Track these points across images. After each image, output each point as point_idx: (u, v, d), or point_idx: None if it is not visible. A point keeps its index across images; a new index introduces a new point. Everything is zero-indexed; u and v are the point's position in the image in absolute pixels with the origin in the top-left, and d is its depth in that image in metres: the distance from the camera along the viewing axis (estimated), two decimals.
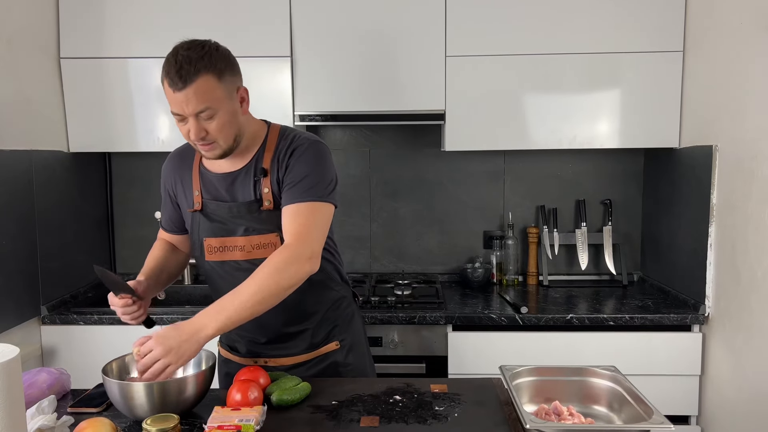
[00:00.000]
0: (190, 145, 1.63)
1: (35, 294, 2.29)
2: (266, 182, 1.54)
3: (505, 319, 2.27)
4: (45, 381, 1.46)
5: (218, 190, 1.58)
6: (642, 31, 2.40)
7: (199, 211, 1.59)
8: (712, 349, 2.23)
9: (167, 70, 1.42)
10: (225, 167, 1.58)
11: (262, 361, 1.65)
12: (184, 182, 1.65)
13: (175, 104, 1.43)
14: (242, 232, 1.55)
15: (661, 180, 2.63)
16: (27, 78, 2.28)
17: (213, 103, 1.43)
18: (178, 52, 1.43)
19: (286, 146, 1.56)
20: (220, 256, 1.58)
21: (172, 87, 1.41)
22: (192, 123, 1.43)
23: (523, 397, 1.40)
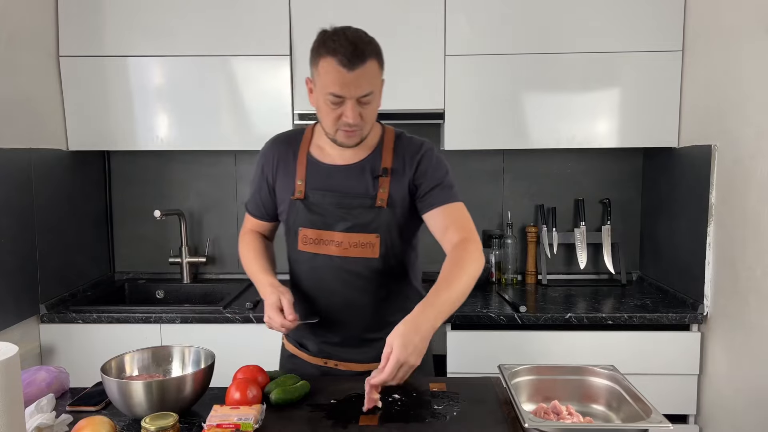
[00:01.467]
0: (295, 132, 1.64)
1: (34, 292, 2.29)
2: (385, 182, 1.52)
3: (504, 318, 2.27)
4: (44, 379, 1.46)
5: (327, 181, 1.55)
6: (641, 30, 2.41)
7: (301, 200, 1.56)
8: (711, 349, 2.23)
9: (336, 48, 1.37)
10: (339, 159, 1.56)
11: (332, 363, 1.62)
12: (287, 168, 1.60)
13: (341, 85, 1.38)
14: (343, 228, 1.53)
15: (660, 179, 2.63)
16: (26, 76, 2.28)
17: (374, 88, 1.43)
18: (345, 33, 1.39)
19: (411, 148, 1.56)
20: (314, 248, 1.56)
21: (345, 66, 1.36)
22: (350, 106, 1.41)
23: (522, 396, 1.40)
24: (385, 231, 1.53)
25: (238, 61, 2.47)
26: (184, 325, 2.31)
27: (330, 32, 1.42)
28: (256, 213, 1.71)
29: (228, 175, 2.89)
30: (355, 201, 1.53)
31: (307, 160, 1.58)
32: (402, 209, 1.55)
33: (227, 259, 2.92)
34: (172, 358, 1.49)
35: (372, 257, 1.54)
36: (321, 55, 1.40)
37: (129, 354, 1.45)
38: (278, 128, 2.45)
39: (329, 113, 1.44)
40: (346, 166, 1.56)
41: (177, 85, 2.49)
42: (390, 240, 1.54)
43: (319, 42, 1.42)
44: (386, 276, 1.57)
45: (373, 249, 1.53)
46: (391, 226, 1.54)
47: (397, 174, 1.54)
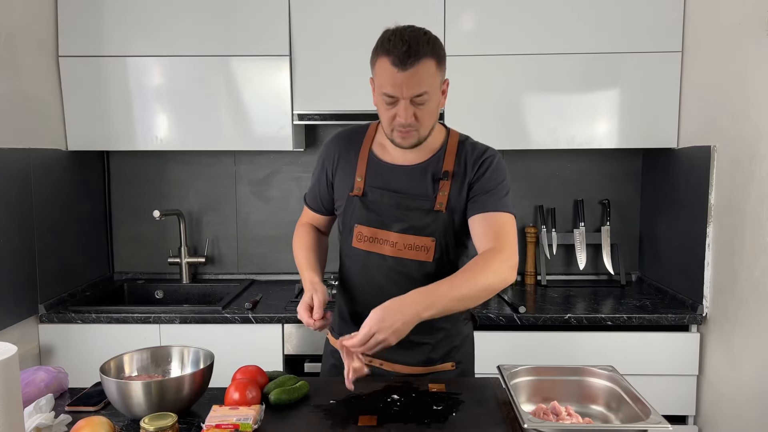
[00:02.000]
0: (359, 128, 1.63)
1: (33, 292, 2.28)
2: (445, 185, 1.51)
3: (504, 319, 2.27)
4: (43, 379, 1.46)
5: (388, 180, 1.54)
6: (641, 31, 2.41)
7: (359, 196, 1.55)
8: (710, 349, 2.23)
9: (390, 48, 1.37)
10: (400, 159, 1.55)
11: (377, 362, 1.58)
12: (347, 164, 1.59)
13: (393, 85, 1.38)
14: (399, 229, 1.52)
15: (660, 180, 2.63)
16: (25, 76, 2.28)
17: (430, 88, 1.41)
18: (402, 32, 1.38)
19: (474, 153, 1.55)
20: (368, 245, 1.55)
21: (396, 66, 1.36)
22: (403, 106, 1.40)
23: (521, 396, 1.40)
24: (441, 235, 1.52)
25: (238, 62, 2.47)
26: (183, 326, 2.31)
27: (390, 31, 1.42)
28: (314, 206, 1.70)
29: (227, 176, 2.89)
30: (413, 203, 1.52)
31: (368, 157, 1.57)
32: (459, 214, 1.53)
33: (226, 260, 2.92)
34: (171, 359, 1.49)
35: (426, 260, 1.53)
36: (378, 55, 1.42)
37: (128, 354, 1.45)
38: (278, 128, 2.48)
39: (385, 113, 1.45)
40: (407, 166, 1.55)
41: (176, 86, 2.49)
42: (445, 244, 1.53)
43: (379, 42, 1.43)
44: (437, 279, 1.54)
45: (428, 252, 1.52)
46: (447, 231, 1.53)
47: (458, 178, 1.53)
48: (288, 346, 2.32)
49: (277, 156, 2.85)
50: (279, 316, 2.28)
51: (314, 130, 2.84)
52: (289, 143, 2.50)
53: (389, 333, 1.28)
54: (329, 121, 2.51)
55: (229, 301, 2.46)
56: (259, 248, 2.90)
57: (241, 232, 2.91)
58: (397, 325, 1.28)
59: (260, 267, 2.90)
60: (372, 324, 1.28)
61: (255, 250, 2.90)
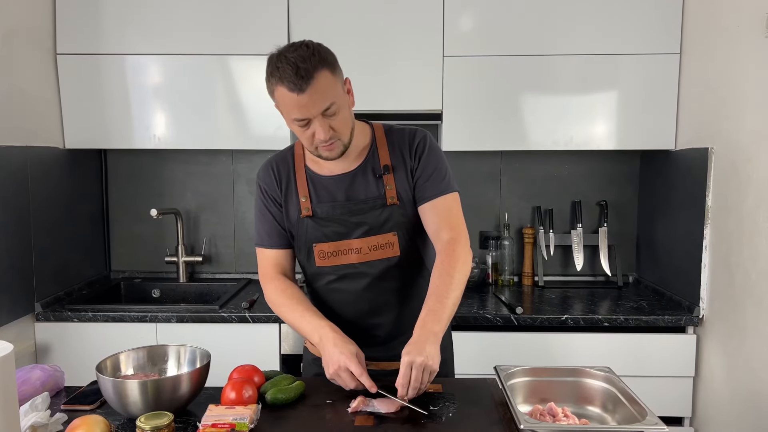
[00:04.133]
0: (284, 153, 1.61)
1: (29, 291, 2.28)
2: (390, 179, 1.52)
3: (501, 320, 2.27)
4: (39, 378, 1.46)
5: (333, 193, 1.54)
6: (639, 33, 2.41)
7: (309, 217, 1.54)
8: (706, 351, 2.23)
9: (282, 75, 1.34)
10: (337, 169, 1.54)
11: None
12: (288, 189, 1.58)
13: (299, 108, 1.36)
14: (360, 234, 1.52)
15: (657, 182, 2.63)
16: (23, 74, 2.27)
17: (335, 98, 1.39)
18: (285, 56, 1.35)
19: (405, 139, 1.55)
20: (333, 260, 1.55)
21: (294, 90, 1.34)
22: (318, 123, 1.39)
23: (518, 397, 1.40)
24: (401, 227, 1.54)
25: (236, 60, 2.47)
26: (180, 325, 2.30)
27: (274, 58, 1.38)
28: (276, 242, 1.60)
29: (225, 175, 2.88)
30: (366, 205, 1.53)
31: (306, 175, 1.57)
32: (410, 203, 1.55)
33: (223, 259, 2.92)
34: (168, 358, 1.48)
35: (393, 256, 1.54)
36: (273, 85, 1.39)
37: (124, 353, 1.45)
38: (276, 128, 2.48)
39: (303, 135, 1.44)
40: (348, 173, 1.55)
41: (174, 84, 2.48)
42: (407, 235, 1.55)
43: (268, 71, 1.39)
44: (408, 271, 1.58)
45: (393, 247, 1.53)
46: (406, 222, 1.54)
47: (398, 169, 1.54)
48: (285, 345, 2.32)
49: None
50: (276, 316, 2.28)
51: None
52: (287, 142, 2.49)
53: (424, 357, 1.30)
54: None
55: (226, 300, 2.46)
56: None
57: (238, 232, 2.90)
58: (429, 350, 1.32)
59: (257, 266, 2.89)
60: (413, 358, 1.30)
61: (252, 249, 2.85)
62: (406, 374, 1.30)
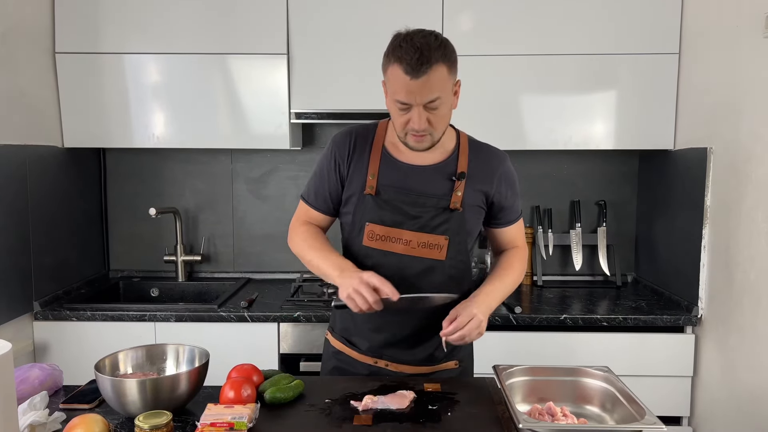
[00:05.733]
0: (369, 126, 1.62)
1: (28, 289, 2.28)
2: (460, 185, 1.53)
3: (499, 319, 2.27)
4: (37, 377, 1.46)
5: (404, 180, 1.54)
6: (638, 33, 2.41)
7: (372, 195, 1.53)
8: (705, 351, 2.24)
9: (402, 56, 1.37)
10: (416, 159, 1.55)
11: (383, 363, 1.59)
12: (360, 161, 1.56)
13: (406, 92, 1.39)
14: (413, 227, 1.52)
15: (656, 182, 2.63)
16: (22, 72, 2.27)
17: (443, 93, 1.41)
18: (412, 38, 1.38)
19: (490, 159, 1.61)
20: (380, 244, 1.54)
21: (409, 74, 1.36)
22: (417, 112, 1.41)
23: (517, 396, 1.40)
24: (454, 233, 1.53)
25: (235, 60, 2.47)
26: (179, 324, 2.30)
27: (401, 37, 1.41)
28: (320, 206, 1.63)
29: (224, 174, 2.88)
30: (429, 201, 1.53)
31: (381, 155, 1.57)
32: (472, 214, 1.56)
33: (222, 258, 2.91)
34: (167, 357, 1.48)
35: (438, 258, 1.54)
36: (390, 62, 1.41)
37: (123, 352, 1.45)
38: (275, 127, 2.48)
39: (398, 118, 1.45)
40: (423, 166, 1.55)
41: (173, 83, 2.48)
42: (458, 243, 1.54)
43: (390, 48, 1.42)
44: (449, 278, 1.56)
45: (441, 251, 1.53)
46: (460, 230, 1.54)
47: (472, 179, 1.55)
48: (283, 344, 2.32)
49: (274, 155, 2.85)
50: (275, 315, 2.28)
51: (311, 129, 2.84)
52: (286, 142, 2.49)
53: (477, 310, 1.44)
54: (326, 120, 2.51)
55: (225, 299, 2.45)
56: (255, 247, 2.89)
57: (237, 231, 2.90)
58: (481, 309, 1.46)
59: (256, 265, 2.90)
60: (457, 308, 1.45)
61: (251, 248, 2.90)
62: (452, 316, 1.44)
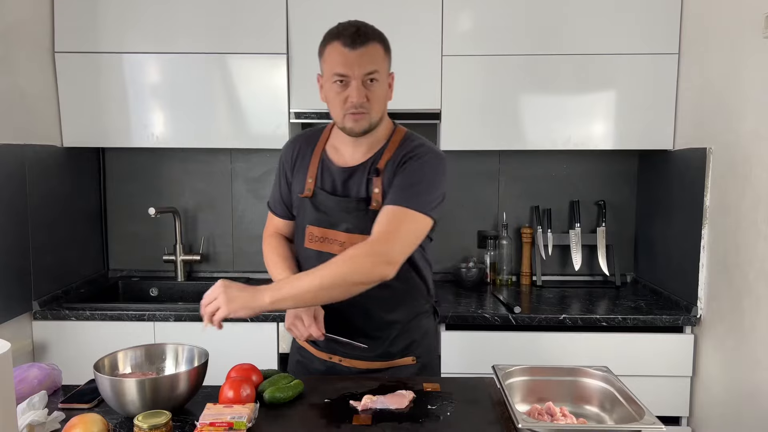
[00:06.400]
0: (316, 130, 1.66)
1: (27, 289, 2.28)
2: (377, 182, 1.53)
3: (498, 319, 2.27)
4: (36, 376, 1.45)
5: (334, 183, 1.58)
6: (638, 33, 2.41)
7: (309, 198, 1.58)
8: (704, 351, 2.24)
9: (339, 32, 1.45)
10: (348, 161, 1.58)
11: (336, 359, 1.63)
12: (302, 166, 1.63)
13: (345, 65, 1.43)
14: (344, 229, 1.55)
15: (655, 182, 2.64)
16: (21, 72, 2.27)
17: (380, 68, 1.47)
18: (349, 21, 1.48)
19: (406, 151, 1.55)
20: (319, 245, 1.58)
21: (347, 46, 1.43)
22: (356, 86, 1.44)
23: (516, 396, 1.40)
24: None
25: (235, 59, 2.47)
26: (178, 323, 2.30)
27: (339, 23, 1.49)
28: (280, 212, 1.71)
29: (223, 173, 2.88)
30: (351, 204, 1.54)
31: (320, 159, 1.61)
32: None
33: (221, 258, 2.91)
34: (166, 356, 1.48)
35: None
36: (327, 43, 1.47)
37: (122, 351, 1.45)
38: (274, 127, 2.48)
39: (336, 97, 1.47)
40: (351, 167, 1.57)
41: (173, 83, 2.48)
42: None
43: (325, 34, 1.49)
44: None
45: None
46: None
47: (386, 174, 1.54)
48: (283, 344, 2.32)
49: (273, 154, 2.85)
50: (274, 315, 2.28)
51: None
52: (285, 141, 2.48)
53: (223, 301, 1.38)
54: (326, 120, 2.48)
55: None
56: (254, 246, 2.89)
57: (236, 230, 2.90)
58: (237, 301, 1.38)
59: (255, 265, 2.89)
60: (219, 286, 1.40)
61: (250, 248, 2.90)
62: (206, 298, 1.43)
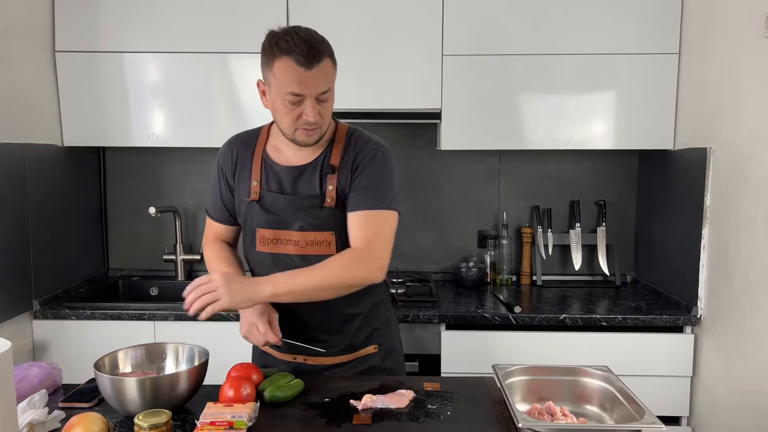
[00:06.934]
0: (251, 133, 1.64)
1: (27, 288, 2.28)
2: (332, 179, 1.53)
3: (499, 319, 2.28)
4: (36, 375, 1.46)
5: (281, 183, 1.56)
6: (638, 33, 2.41)
7: (256, 201, 1.57)
8: (704, 351, 2.24)
9: (291, 48, 1.37)
10: (293, 160, 1.57)
11: (301, 359, 1.63)
12: (244, 169, 1.60)
13: (300, 84, 1.39)
14: (298, 228, 1.54)
15: (655, 181, 2.64)
16: (21, 71, 2.27)
17: (332, 84, 1.46)
18: (296, 32, 1.40)
19: (358, 147, 1.55)
20: (272, 248, 1.57)
21: (302, 65, 1.38)
22: (310, 104, 1.42)
23: (516, 396, 1.40)
24: (338, 228, 1.54)
25: (235, 59, 2.47)
26: (178, 323, 2.30)
27: (281, 32, 1.42)
28: (221, 217, 1.68)
29: None
30: (305, 202, 1.54)
31: (262, 160, 1.59)
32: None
33: None
34: (166, 355, 1.48)
35: (330, 254, 1.53)
36: (276, 56, 1.40)
37: (122, 351, 1.45)
38: None
39: (288, 114, 1.44)
40: (299, 166, 1.56)
41: (173, 82, 2.48)
42: (346, 236, 1.54)
43: (271, 43, 1.42)
44: None
45: (330, 246, 1.54)
46: (343, 223, 1.54)
47: (344, 171, 1.54)
48: None
49: None
50: None
51: None
52: None
53: (225, 292, 1.38)
54: None
55: None
56: None
57: None
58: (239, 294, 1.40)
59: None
60: (220, 277, 1.40)
61: None
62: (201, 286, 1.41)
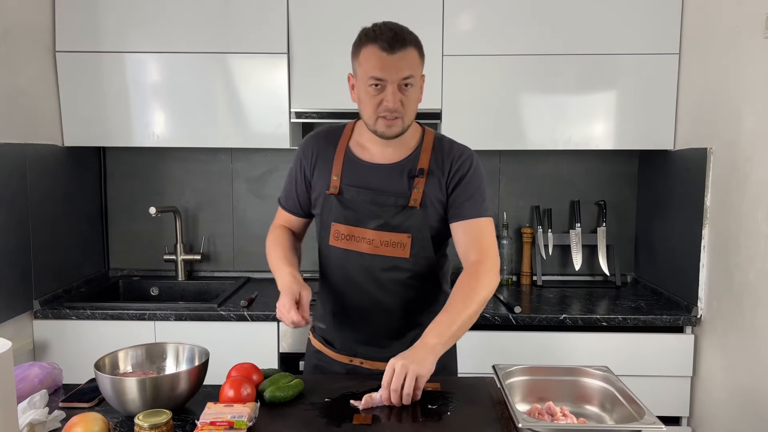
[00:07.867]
0: (336, 127, 1.64)
1: (28, 288, 2.28)
2: (420, 182, 1.53)
3: (499, 319, 2.28)
4: (37, 375, 1.46)
5: (365, 179, 1.55)
6: (639, 33, 2.41)
7: (335, 195, 1.56)
8: (704, 351, 2.24)
9: (377, 35, 1.42)
10: (378, 158, 1.56)
11: (357, 361, 1.61)
12: (324, 163, 1.60)
13: (381, 68, 1.42)
14: (375, 226, 1.53)
15: (656, 182, 2.63)
16: (22, 71, 2.27)
17: (416, 73, 1.46)
18: (385, 23, 1.46)
19: (453, 154, 1.56)
20: (345, 243, 1.56)
21: (385, 50, 1.41)
22: (392, 90, 1.43)
23: (516, 396, 1.40)
24: (416, 231, 1.53)
25: (236, 59, 2.47)
26: (179, 323, 2.30)
27: (372, 25, 1.47)
28: (291, 208, 1.69)
29: (224, 173, 2.88)
30: (388, 200, 1.53)
31: (345, 155, 1.59)
32: (435, 211, 1.55)
33: (222, 257, 2.91)
34: (166, 355, 1.48)
35: (402, 257, 1.53)
36: (363, 45, 1.46)
37: (123, 350, 1.45)
38: (275, 126, 2.48)
39: (370, 100, 1.46)
40: (385, 165, 1.56)
41: (174, 82, 2.48)
42: (421, 241, 1.54)
43: (361, 35, 1.48)
44: (415, 276, 1.57)
45: (404, 249, 1.53)
46: (422, 227, 1.53)
47: (434, 175, 1.54)
48: (283, 344, 2.32)
49: (274, 154, 2.85)
50: (274, 314, 2.24)
51: (311, 129, 2.83)
52: (286, 141, 2.49)
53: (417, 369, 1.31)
54: (327, 119, 2.51)
55: (225, 298, 2.46)
56: (255, 246, 2.89)
57: (237, 230, 2.90)
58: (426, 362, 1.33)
59: (256, 265, 2.89)
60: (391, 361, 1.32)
61: (251, 247, 2.90)
62: (387, 374, 1.32)
